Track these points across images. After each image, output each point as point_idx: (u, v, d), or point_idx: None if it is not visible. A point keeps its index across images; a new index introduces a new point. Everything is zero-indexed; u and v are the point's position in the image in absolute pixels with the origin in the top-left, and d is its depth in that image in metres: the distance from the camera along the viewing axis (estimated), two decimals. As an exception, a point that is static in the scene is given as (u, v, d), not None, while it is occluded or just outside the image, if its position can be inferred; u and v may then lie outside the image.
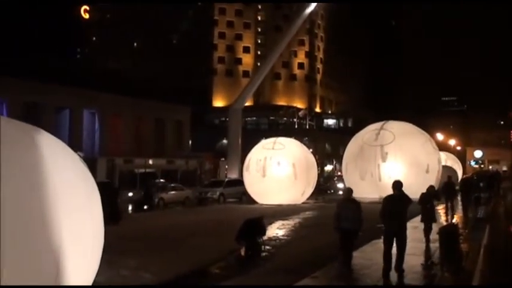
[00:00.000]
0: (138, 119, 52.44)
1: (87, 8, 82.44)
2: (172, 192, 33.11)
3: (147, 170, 44.56)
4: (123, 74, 77.45)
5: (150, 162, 45.84)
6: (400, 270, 9.92)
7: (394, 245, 10.03)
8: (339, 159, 54.14)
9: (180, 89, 77.92)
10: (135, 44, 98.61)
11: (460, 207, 24.00)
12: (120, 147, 47.32)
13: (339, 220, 10.66)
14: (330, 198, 36.33)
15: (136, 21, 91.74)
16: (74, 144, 40.61)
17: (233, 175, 43.43)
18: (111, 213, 17.81)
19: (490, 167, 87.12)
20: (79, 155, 6.12)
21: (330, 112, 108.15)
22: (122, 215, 21.87)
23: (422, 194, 14.62)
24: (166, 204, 31.66)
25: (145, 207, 30.41)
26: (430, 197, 14.71)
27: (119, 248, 12.96)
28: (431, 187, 15.54)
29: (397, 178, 11.07)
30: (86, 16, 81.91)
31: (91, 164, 35.40)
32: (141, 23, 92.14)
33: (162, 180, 44.47)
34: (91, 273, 5.97)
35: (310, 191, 33.19)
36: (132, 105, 50.89)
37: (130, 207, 30.79)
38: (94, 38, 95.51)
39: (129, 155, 45.48)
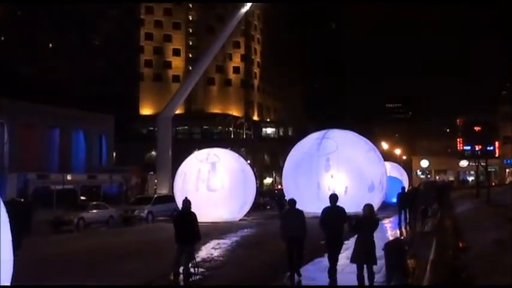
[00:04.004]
0: (54, 129, 51.03)
1: (-5, 4, 79.62)
2: (94, 210, 32.35)
3: (66, 187, 43.41)
4: (37, 79, 75.19)
5: (69, 177, 44.76)
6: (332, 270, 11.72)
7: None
8: (279, 171, 54.64)
9: (102, 95, 76.50)
10: (50, 45, 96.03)
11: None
12: (34, 162, 45.87)
13: (285, 229, 12.26)
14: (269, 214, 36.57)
15: (52, 20, 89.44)
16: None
17: (163, 190, 43.06)
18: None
19: (437, 177, 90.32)
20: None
21: (268, 120, 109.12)
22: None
23: (357, 221, 10.98)
24: (87, 225, 30.89)
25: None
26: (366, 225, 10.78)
27: (33, 276, 12.51)
28: (367, 207, 10.94)
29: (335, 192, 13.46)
30: (-7, 14, 79.02)
31: (-1, 180, 34.22)
32: (58, 22, 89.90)
33: (82, 197, 43.62)
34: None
35: (248, 206, 33.28)
36: (47, 114, 49.47)
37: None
38: (3, 38, 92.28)
39: (44, 170, 44.18)
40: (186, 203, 13.40)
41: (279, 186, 64.13)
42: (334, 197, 12.17)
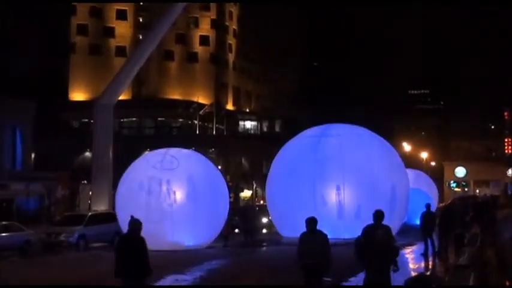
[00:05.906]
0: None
1: None
2: (4, 234, 32.11)
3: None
4: None
5: (-31, 187, 44.47)
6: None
7: None
8: (262, 181, 54.69)
9: (17, 74, 76.00)
10: None
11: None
12: None
13: (303, 256, 13.12)
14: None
15: None
16: None
17: (101, 206, 42.91)
18: None
19: (477, 191, 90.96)
20: None
21: (247, 110, 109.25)
22: None
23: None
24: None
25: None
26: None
27: None
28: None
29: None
30: None
31: None
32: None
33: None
34: None
35: (218, 228, 33.28)
36: None
37: None
38: None
39: None
40: (134, 224, 13.29)
41: (261, 202, 64.18)
42: (378, 214, 12.87)
